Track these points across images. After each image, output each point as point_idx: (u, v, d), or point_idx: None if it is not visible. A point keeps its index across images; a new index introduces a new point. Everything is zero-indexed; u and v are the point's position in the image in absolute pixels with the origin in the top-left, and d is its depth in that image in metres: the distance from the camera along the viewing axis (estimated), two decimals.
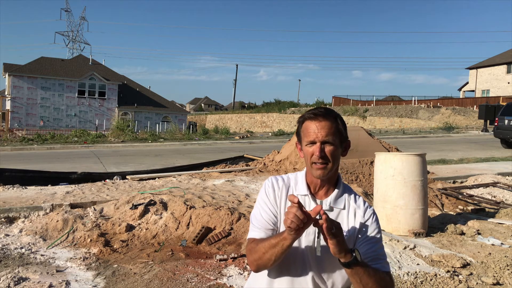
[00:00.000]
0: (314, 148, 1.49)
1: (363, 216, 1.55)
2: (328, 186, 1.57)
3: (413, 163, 5.01)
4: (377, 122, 39.07)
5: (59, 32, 74.25)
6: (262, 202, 1.59)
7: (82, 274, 3.80)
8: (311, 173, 1.54)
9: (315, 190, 1.58)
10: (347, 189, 1.61)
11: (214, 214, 5.01)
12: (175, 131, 27.56)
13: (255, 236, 1.53)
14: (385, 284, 1.45)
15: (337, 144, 1.50)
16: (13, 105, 37.53)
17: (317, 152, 1.47)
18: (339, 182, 1.59)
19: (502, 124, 15.78)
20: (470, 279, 3.75)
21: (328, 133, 1.48)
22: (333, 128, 1.49)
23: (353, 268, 1.37)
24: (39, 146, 19.00)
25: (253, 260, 1.49)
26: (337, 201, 1.56)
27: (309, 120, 1.52)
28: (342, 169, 7.74)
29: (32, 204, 5.59)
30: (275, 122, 48.87)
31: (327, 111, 1.52)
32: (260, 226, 1.54)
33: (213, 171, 9.07)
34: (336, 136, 1.50)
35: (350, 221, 1.55)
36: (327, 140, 1.48)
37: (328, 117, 1.50)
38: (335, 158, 1.50)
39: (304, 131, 1.52)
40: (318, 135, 1.48)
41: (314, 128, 1.49)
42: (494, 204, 6.83)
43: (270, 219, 1.55)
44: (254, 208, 1.62)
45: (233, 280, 3.64)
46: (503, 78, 44.00)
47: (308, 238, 1.52)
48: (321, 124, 1.49)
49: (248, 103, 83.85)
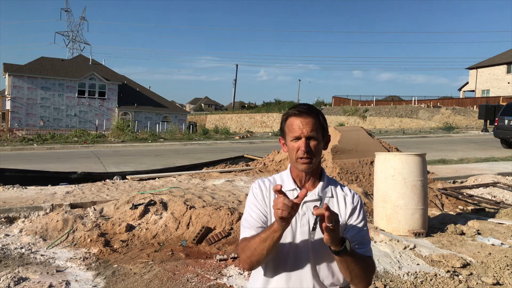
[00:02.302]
0: (299, 143, 1.56)
1: (352, 203, 1.63)
2: (313, 179, 1.63)
3: (413, 163, 5.01)
4: (377, 122, 39.08)
5: (59, 32, 74.28)
6: (251, 204, 1.63)
7: (82, 274, 3.80)
8: (296, 167, 1.60)
9: (301, 184, 1.63)
10: (331, 181, 1.69)
11: (214, 214, 5.01)
12: (175, 131, 27.56)
13: (246, 235, 1.57)
14: (369, 269, 1.54)
15: (320, 139, 1.58)
16: (13, 105, 37.54)
17: (302, 147, 1.54)
18: (323, 175, 1.67)
19: (502, 124, 15.78)
20: (470, 279, 3.75)
21: (312, 129, 1.55)
22: (316, 124, 1.57)
23: (342, 256, 1.43)
24: (39, 146, 19.00)
25: (245, 258, 1.52)
26: (324, 191, 1.62)
27: (293, 116, 1.58)
28: (342, 169, 7.74)
29: (32, 204, 5.59)
30: (275, 122, 48.87)
31: (310, 108, 1.60)
32: (251, 226, 1.58)
33: (213, 171, 9.07)
34: (319, 131, 1.58)
35: (341, 208, 1.62)
36: (312, 135, 1.55)
37: (311, 114, 1.57)
38: (318, 152, 1.59)
39: (289, 127, 1.59)
40: (304, 131, 1.55)
41: (299, 124, 1.56)
42: (494, 204, 6.83)
43: (260, 218, 1.59)
44: (244, 212, 1.65)
45: (233, 280, 3.64)
46: (503, 78, 44.00)
47: (303, 229, 1.56)
48: (305, 120, 1.56)
49: (248, 103, 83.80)
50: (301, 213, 1.56)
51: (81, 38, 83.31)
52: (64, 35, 74.02)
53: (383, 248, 4.42)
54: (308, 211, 1.57)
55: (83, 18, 75.48)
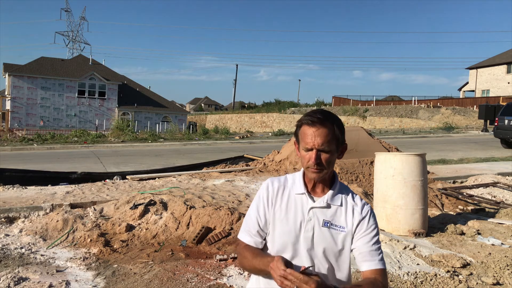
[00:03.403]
0: (310, 154, 1.51)
1: (361, 213, 1.58)
2: (324, 185, 1.61)
3: (413, 163, 5.01)
4: (377, 122, 39.07)
5: (59, 32, 74.28)
6: (256, 205, 1.64)
7: (82, 274, 3.80)
8: (307, 174, 1.59)
9: (312, 188, 1.61)
10: (343, 187, 1.64)
11: (214, 214, 5.01)
12: (175, 131, 27.55)
13: (244, 240, 1.62)
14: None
15: (333, 150, 1.52)
16: (13, 105, 37.53)
17: (312, 159, 1.50)
18: (336, 181, 1.63)
19: (502, 124, 15.78)
20: (470, 279, 3.75)
21: (324, 141, 1.49)
22: (330, 135, 1.50)
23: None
24: (39, 146, 19.00)
25: (241, 266, 1.63)
26: (334, 198, 1.59)
27: (306, 125, 1.52)
28: (342, 169, 7.74)
29: (32, 204, 5.59)
30: (275, 122, 48.86)
31: (325, 116, 1.52)
32: (249, 230, 1.62)
33: (213, 171, 9.06)
34: (332, 143, 1.51)
35: (348, 217, 1.58)
36: (323, 148, 1.50)
37: (325, 123, 1.50)
38: (330, 164, 1.54)
39: (302, 135, 1.54)
40: (315, 143, 1.49)
41: (311, 134, 1.50)
42: (494, 204, 6.83)
43: (259, 223, 1.61)
44: (249, 209, 1.68)
45: (233, 280, 3.64)
46: (503, 78, 43.99)
47: (307, 234, 1.54)
48: (318, 131, 1.49)
49: (248, 103, 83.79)
50: (307, 218, 1.55)
51: (81, 38, 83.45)
52: (64, 35, 74.06)
53: (383, 248, 4.42)
54: (314, 217, 1.55)
55: (83, 18, 75.52)
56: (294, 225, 1.55)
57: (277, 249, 1.56)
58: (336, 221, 1.57)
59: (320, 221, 1.55)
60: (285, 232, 1.56)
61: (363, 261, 1.53)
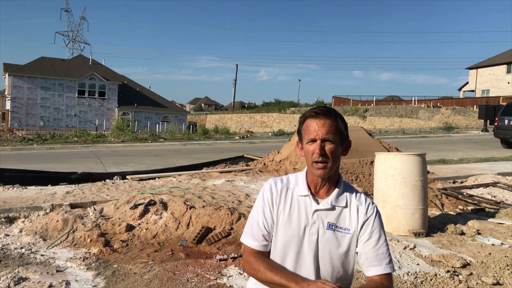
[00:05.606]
0: (314, 146, 1.49)
1: (365, 214, 1.55)
2: (329, 185, 1.57)
3: (413, 163, 5.01)
4: (377, 122, 39.07)
5: (59, 32, 74.35)
6: (259, 207, 1.60)
7: (82, 274, 3.80)
8: (312, 172, 1.54)
9: (315, 190, 1.57)
10: (348, 188, 1.61)
11: (214, 214, 5.01)
12: (175, 131, 27.55)
13: (249, 244, 1.56)
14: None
15: (337, 142, 1.50)
16: (13, 105, 37.54)
17: (317, 150, 1.47)
18: (340, 181, 1.59)
19: (502, 124, 15.78)
20: (470, 279, 3.75)
21: (328, 131, 1.48)
22: (333, 126, 1.49)
23: None
24: (39, 146, 19.00)
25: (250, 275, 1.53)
26: (338, 200, 1.55)
27: (310, 118, 1.52)
28: (342, 169, 7.74)
29: (32, 204, 5.59)
30: (275, 122, 48.86)
31: (328, 109, 1.53)
32: (253, 234, 1.56)
33: (213, 171, 9.06)
34: (336, 134, 1.50)
35: (353, 218, 1.54)
36: (328, 138, 1.48)
37: (329, 115, 1.50)
38: (335, 157, 1.50)
39: (305, 129, 1.53)
40: (319, 133, 1.48)
41: (315, 126, 1.49)
42: (494, 204, 6.83)
43: (264, 226, 1.56)
44: (251, 211, 1.62)
45: (233, 280, 3.64)
46: (503, 78, 43.99)
47: (311, 238, 1.52)
48: (321, 122, 1.49)
49: (248, 103, 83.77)
50: (311, 221, 1.52)
51: (81, 38, 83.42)
52: (64, 35, 74.10)
53: None
54: (318, 219, 1.52)
55: (83, 18, 75.56)
56: (298, 228, 1.52)
57: (280, 252, 1.54)
58: (341, 223, 1.53)
59: (324, 223, 1.52)
60: (288, 236, 1.52)
61: (371, 266, 1.49)
